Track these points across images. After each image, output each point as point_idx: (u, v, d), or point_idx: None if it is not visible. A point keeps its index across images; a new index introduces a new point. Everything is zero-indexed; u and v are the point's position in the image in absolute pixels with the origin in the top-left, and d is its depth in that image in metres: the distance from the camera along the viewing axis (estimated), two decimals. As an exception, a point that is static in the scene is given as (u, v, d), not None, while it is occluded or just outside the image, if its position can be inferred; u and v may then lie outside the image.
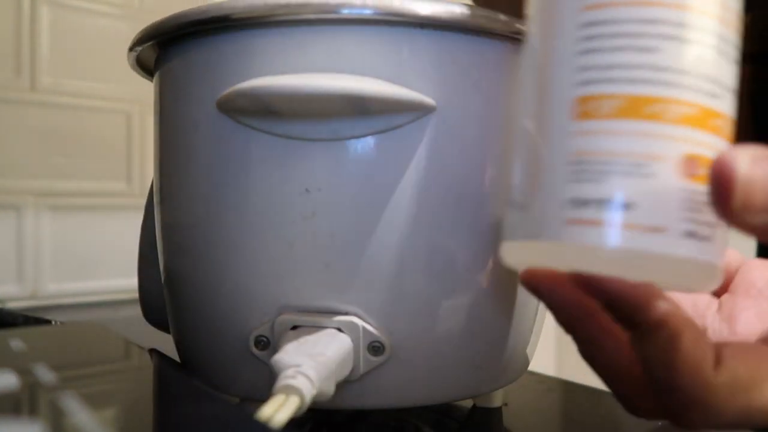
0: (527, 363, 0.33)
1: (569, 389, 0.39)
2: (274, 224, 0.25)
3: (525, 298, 0.29)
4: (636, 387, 0.21)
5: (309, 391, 0.21)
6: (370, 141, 0.25)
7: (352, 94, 0.23)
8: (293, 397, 0.21)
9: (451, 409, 0.35)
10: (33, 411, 0.15)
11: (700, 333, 0.19)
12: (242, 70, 0.25)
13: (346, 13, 0.24)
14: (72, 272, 0.75)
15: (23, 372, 0.17)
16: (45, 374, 0.17)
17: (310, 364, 0.22)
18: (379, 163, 0.25)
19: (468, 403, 0.34)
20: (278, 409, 0.20)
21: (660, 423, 0.28)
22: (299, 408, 0.21)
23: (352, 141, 0.25)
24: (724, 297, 0.25)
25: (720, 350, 0.19)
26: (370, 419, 0.33)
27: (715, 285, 0.19)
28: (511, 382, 0.32)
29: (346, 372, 0.25)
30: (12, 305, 0.68)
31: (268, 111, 0.24)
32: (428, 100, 0.25)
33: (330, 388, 0.23)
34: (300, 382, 0.21)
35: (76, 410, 0.14)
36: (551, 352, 1.37)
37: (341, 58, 0.24)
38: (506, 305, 0.28)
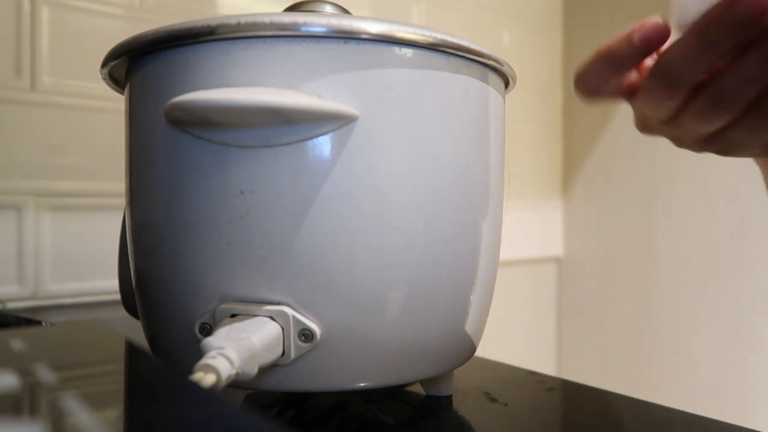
0: (471, 350, 0.35)
1: (569, 389, 0.39)
2: (214, 223, 0.29)
3: (454, 289, 0.32)
4: None
5: (227, 371, 0.24)
6: (297, 147, 0.28)
7: (271, 107, 0.26)
8: (210, 375, 0.23)
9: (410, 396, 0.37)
10: (33, 411, 0.15)
11: None
12: (182, 84, 0.29)
13: (271, 31, 0.27)
14: (72, 272, 0.75)
15: (23, 372, 0.17)
16: (45, 374, 0.17)
17: (233, 347, 0.25)
18: (306, 167, 0.28)
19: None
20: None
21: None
22: (216, 385, 0.23)
23: (281, 147, 0.28)
24: None
25: None
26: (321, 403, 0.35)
27: None
28: (450, 370, 0.34)
29: (274, 356, 0.28)
30: (12, 305, 0.68)
31: (205, 121, 0.27)
32: (349, 111, 0.28)
33: (253, 370, 0.26)
34: (218, 363, 0.24)
35: (76, 410, 0.14)
36: (551, 352, 1.37)
37: (268, 73, 0.28)
38: (433, 296, 0.31)
